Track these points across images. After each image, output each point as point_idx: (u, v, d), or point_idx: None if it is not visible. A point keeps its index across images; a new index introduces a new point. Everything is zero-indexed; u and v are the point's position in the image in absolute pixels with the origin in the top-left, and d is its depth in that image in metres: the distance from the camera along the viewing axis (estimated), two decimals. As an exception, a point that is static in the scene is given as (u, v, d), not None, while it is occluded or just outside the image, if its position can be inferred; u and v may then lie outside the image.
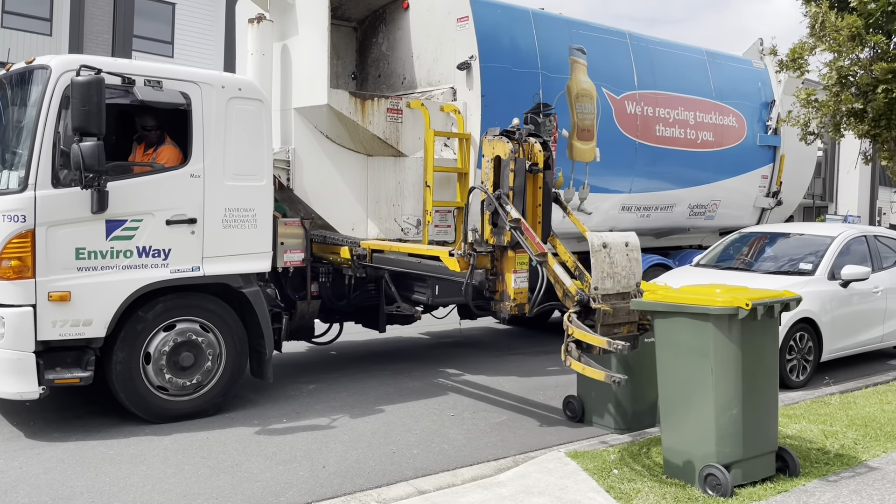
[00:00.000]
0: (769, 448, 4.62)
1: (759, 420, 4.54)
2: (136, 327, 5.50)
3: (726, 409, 4.40)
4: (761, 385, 4.56)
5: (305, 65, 7.01)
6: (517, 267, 5.64)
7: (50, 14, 20.63)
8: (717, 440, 4.40)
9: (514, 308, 5.67)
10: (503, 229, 5.55)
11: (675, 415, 4.62)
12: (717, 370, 4.40)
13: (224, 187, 5.85)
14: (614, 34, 9.02)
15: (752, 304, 4.33)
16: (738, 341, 4.38)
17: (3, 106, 5.77)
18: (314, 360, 8.17)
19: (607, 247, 5.37)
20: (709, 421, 4.43)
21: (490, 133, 5.79)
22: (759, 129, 10.39)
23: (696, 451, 4.49)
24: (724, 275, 8.24)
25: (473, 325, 10.05)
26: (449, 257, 5.77)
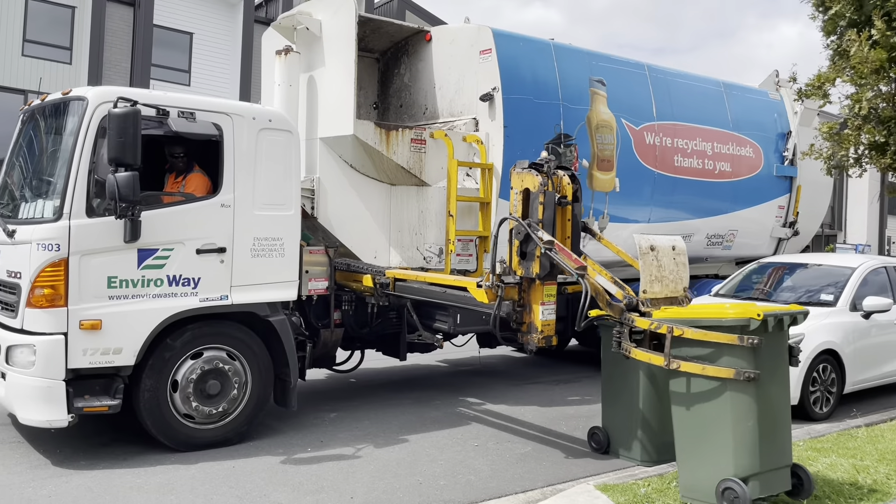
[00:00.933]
0: (784, 462, 4.64)
1: (775, 433, 4.56)
2: (164, 355, 5.53)
3: (742, 421, 4.43)
4: (775, 397, 4.60)
5: (331, 96, 7.11)
6: (545, 299, 5.61)
7: (70, 43, 20.98)
8: (733, 453, 4.43)
9: (542, 340, 5.62)
10: (532, 260, 5.52)
11: (692, 432, 4.65)
12: (731, 388, 4.44)
13: (253, 217, 5.91)
14: (633, 66, 9.13)
15: (764, 315, 4.42)
16: (751, 358, 4.42)
17: (39, 136, 5.86)
18: (334, 388, 8.17)
19: (655, 249, 5.29)
20: (725, 434, 4.46)
21: (519, 166, 5.81)
22: (775, 160, 10.45)
23: (713, 466, 4.51)
24: (742, 305, 8.25)
25: (492, 354, 10.05)
26: (477, 288, 5.76)
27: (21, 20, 20.24)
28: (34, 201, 5.54)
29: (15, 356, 5.15)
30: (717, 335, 4.48)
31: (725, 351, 4.48)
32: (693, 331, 4.57)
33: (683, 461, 4.76)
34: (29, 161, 5.90)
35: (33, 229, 5.17)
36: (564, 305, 8.97)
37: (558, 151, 7.98)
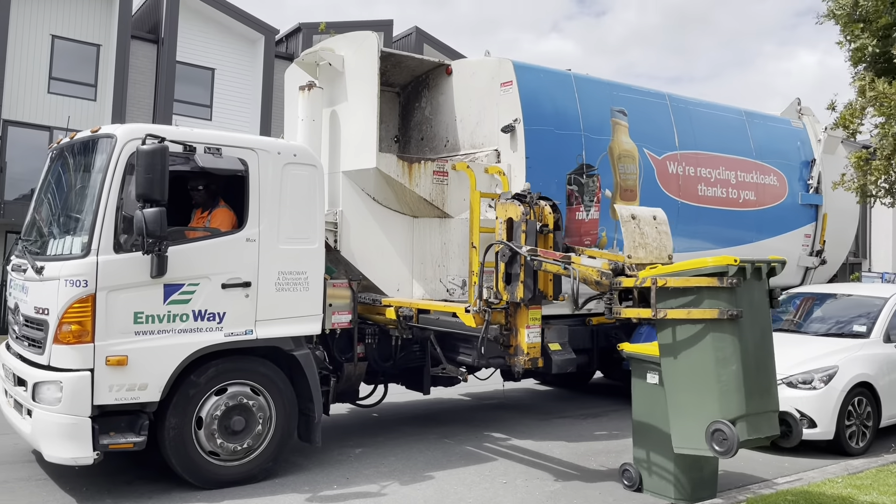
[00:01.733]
0: (771, 406, 4.89)
1: (759, 376, 4.82)
2: (188, 392, 5.50)
3: (727, 365, 4.71)
4: (757, 342, 4.89)
5: (354, 130, 7.15)
6: (530, 322, 5.93)
7: (95, 80, 21.39)
8: (719, 397, 4.71)
9: (528, 362, 5.94)
10: (516, 284, 5.82)
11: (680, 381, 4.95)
12: (714, 329, 4.76)
13: (278, 251, 5.90)
14: (654, 95, 9.12)
15: (741, 261, 4.80)
16: (730, 300, 4.75)
17: (67, 173, 5.92)
18: (357, 423, 8.09)
19: (636, 218, 5.70)
20: (711, 379, 4.75)
21: (503, 197, 6.15)
22: (800, 188, 10.35)
23: (701, 412, 4.77)
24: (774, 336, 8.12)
25: (516, 387, 9.93)
26: (465, 313, 6.04)
27: (48, 58, 20.70)
28: (62, 238, 5.57)
29: (41, 393, 5.13)
30: (698, 280, 4.85)
31: (707, 294, 4.82)
32: (676, 279, 4.95)
33: (674, 412, 5.01)
34: (57, 198, 5.95)
35: (61, 266, 5.19)
36: (589, 337, 8.90)
37: (581, 182, 7.95)
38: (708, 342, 4.80)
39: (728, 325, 4.76)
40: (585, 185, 7.99)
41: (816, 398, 6.96)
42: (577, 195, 7.92)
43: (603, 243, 8.22)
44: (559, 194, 7.79)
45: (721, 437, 4.60)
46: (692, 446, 4.88)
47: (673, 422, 5.05)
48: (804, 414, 6.94)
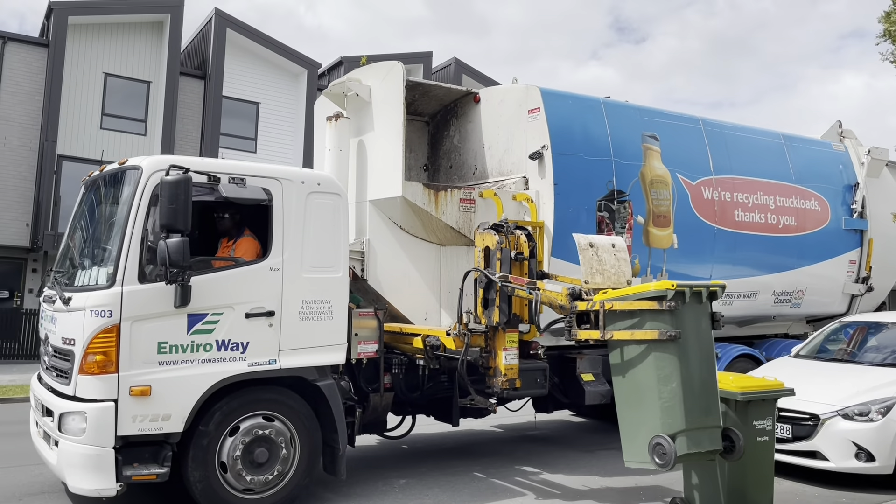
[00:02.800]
0: (713, 423, 5.12)
1: (699, 394, 5.06)
2: (201, 442, 5.43)
3: (667, 382, 4.99)
4: (699, 362, 5.13)
5: (381, 159, 7.18)
6: (507, 345, 6.30)
7: (145, 115, 22.12)
8: (661, 413, 4.98)
9: (506, 382, 6.29)
10: (493, 308, 6.19)
11: (627, 399, 5.25)
12: (655, 350, 5.06)
13: (302, 280, 5.90)
14: (686, 120, 8.97)
15: (677, 285, 5.11)
16: (671, 322, 5.06)
17: (97, 204, 6.06)
18: (387, 455, 8.00)
19: (594, 246, 6.09)
20: (653, 396, 5.03)
21: (481, 227, 6.53)
22: (843, 213, 10.01)
23: (645, 427, 5.05)
24: (827, 366, 7.91)
25: (550, 419, 9.72)
26: (446, 336, 6.39)
27: (100, 95, 21.51)
28: (90, 268, 5.67)
29: (67, 423, 5.19)
30: (641, 303, 5.19)
31: (649, 317, 5.15)
32: (621, 302, 5.32)
33: (624, 428, 5.31)
34: (87, 229, 6.09)
35: (87, 296, 5.27)
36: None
37: (611, 208, 7.82)
38: (650, 361, 5.11)
39: (668, 346, 5.07)
40: (616, 211, 7.85)
41: (874, 431, 6.65)
42: (608, 222, 7.79)
43: (636, 270, 8.04)
44: (589, 221, 7.68)
45: (661, 450, 4.92)
46: (639, 460, 5.14)
47: (623, 437, 5.31)
48: (861, 447, 6.64)
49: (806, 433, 6.92)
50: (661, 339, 5.06)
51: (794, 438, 6.96)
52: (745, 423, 5.47)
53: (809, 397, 6.87)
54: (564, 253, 7.52)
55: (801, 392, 6.29)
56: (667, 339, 5.05)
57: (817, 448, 6.86)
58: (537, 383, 7.26)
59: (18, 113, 20.47)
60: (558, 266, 7.48)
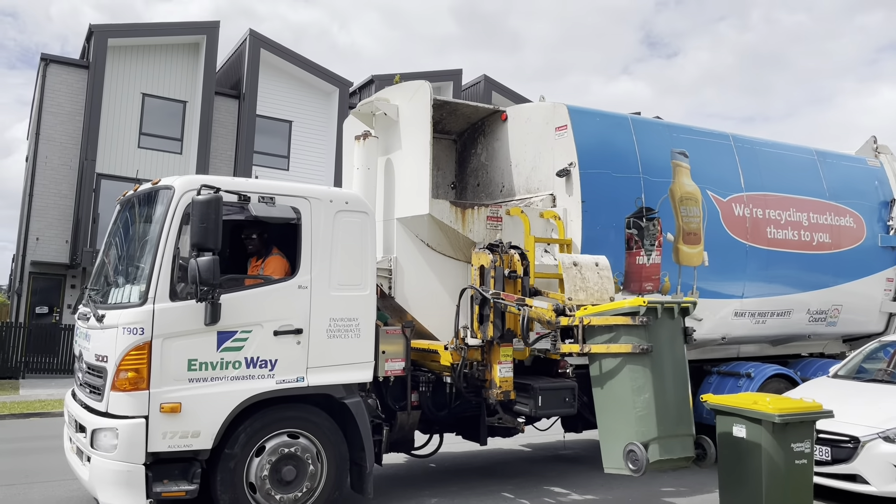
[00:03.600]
0: (685, 431, 5.44)
1: (671, 404, 5.40)
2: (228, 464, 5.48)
3: (641, 392, 5.33)
4: (671, 374, 5.48)
5: (408, 177, 7.23)
6: (502, 358, 6.56)
7: (181, 134, 22.58)
8: (635, 421, 5.31)
9: (501, 394, 6.56)
10: (487, 324, 6.46)
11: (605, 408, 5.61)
12: (630, 362, 5.42)
13: (329, 297, 5.95)
14: (716, 136, 8.87)
15: (649, 301, 5.51)
16: (644, 336, 5.42)
17: (130, 223, 6.19)
18: (416, 474, 7.98)
19: (577, 265, 6.44)
20: (628, 405, 5.38)
21: (477, 247, 6.86)
22: (879, 230, 9.78)
23: (621, 435, 5.38)
24: (866, 387, 7.74)
25: (579, 438, 9.61)
26: (444, 350, 6.65)
27: (138, 115, 22.02)
28: (123, 286, 5.78)
29: (99, 440, 5.27)
30: (616, 319, 5.60)
31: (623, 331, 5.56)
32: (598, 318, 5.73)
33: (602, 436, 5.64)
34: (120, 248, 6.22)
35: (120, 314, 5.37)
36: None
37: (640, 225, 7.75)
38: (625, 373, 5.49)
39: (642, 359, 5.44)
40: (645, 228, 7.78)
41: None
42: (637, 239, 7.73)
43: (666, 288, 7.95)
44: (618, 238, 7.63)
45: (634, 457, 5.23)
46: (616, 466, 5.46)
47: (602, 444, 5.64)
48: None
49: (846, 456, 6.74)
50: (635, 352, 5.48)
51: (834, 461, 6.79)
52: (782, 445, 5.37)
53: (849, 419, 6.70)
54: (593, 271, 7.47)
55: (840, 413, 6.14)
56: (640, 353, 5.47)
57: (858, 471, 6.67)
58: (566, 402, 7.19)
59: (59, 133, 21.05)
60: (586, 284, 7.43)
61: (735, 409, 5.62)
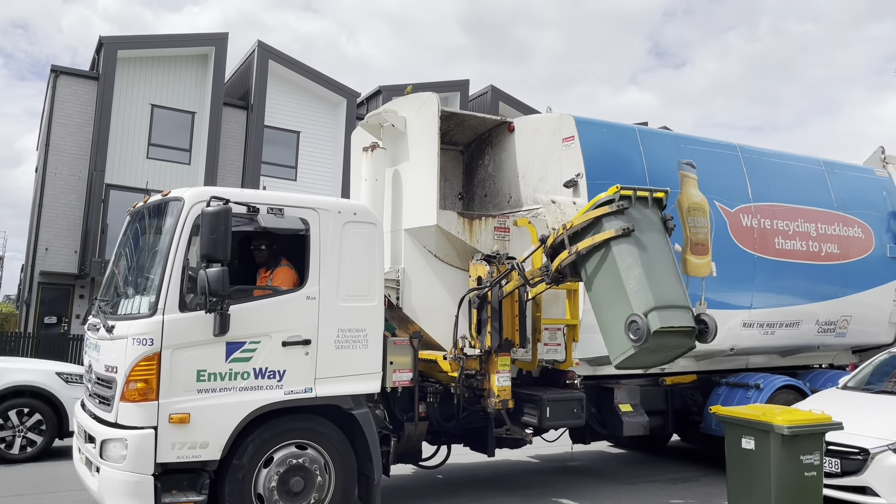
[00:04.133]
0: (680, 302, 5.51)
1: (662, 278, 5.52)
2: (236, 475, 5.47)
3: (631, 270, 5.53)
4: (656, 252, 5.65)
5: (416, 188, 7.26)
6: (500, 368, 6.66)
7: (189, 145, 22.71)
8: (631, 297, 5.45)
9: (499, 403, 6.68)
10: (485, 334, 6.59)
11: (603, 301, 5.75)
12: (615, 246, 5.66)
13: (337, 308, 5.96)
14: (724, 147, 8.88)
15: (621, 187, 5.85)
16: (623, 219, 5.69)
17: (140, 234, 6.22)
18: (423, 485, 7.96)
19: (556, 202, 7.37)
20: (621, 288, 5.53)
21: (475, 258, 6.93)
22: (888, 240, 9.75)
23: (621, 317, 5.48)
24: (876, 399, 7.70)
25: (587, 450, 9.59)
26: (444, 360, 6.75)
27: (147, 126, 22.18)
28: (133, 297, 5.81)
29: (108, 450, 5.27)
30: (595, 212, 5.85)
31: (604, 221, 5.80)
32: (579, 217, 6.02)
33: (605, 332, 5.73)
34: (130, 259, 6.26)
35: (129, 325, 5.39)
36: (663, 398, 8.56)
37: (648, 237, 7.74)
38: (613, 258, 5.66)
39: (626, 240, 5.65)
40: (653, 239, 7.77)
41: None
42: (645, 250, 7.71)
43: (674, 299, 7.93)
44: (625, 249, 7.61)
45: (635, 327, 5.32)
46: (621, 351, 5.53)
47: (606, 340, 5.73)
48: None
49: (855, 468, 6.69)
50: (618, 234, 5.67)
51: (843, 473, 6.74)
52: (791, 457, 5.34)
53: (858, 431, 6.66)
54: (600, 281, 7.47)
55: (850, 425, 6.11)
56: (623, 234, 5.66)
57: (867, 483, 6.62)
58: (574, 413, 7.19)
59: (69, 144, 21.21)
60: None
61: (744, 421, 5.60)
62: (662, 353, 5.73)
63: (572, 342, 7.34)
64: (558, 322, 7.30)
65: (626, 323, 5.44)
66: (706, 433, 8.53)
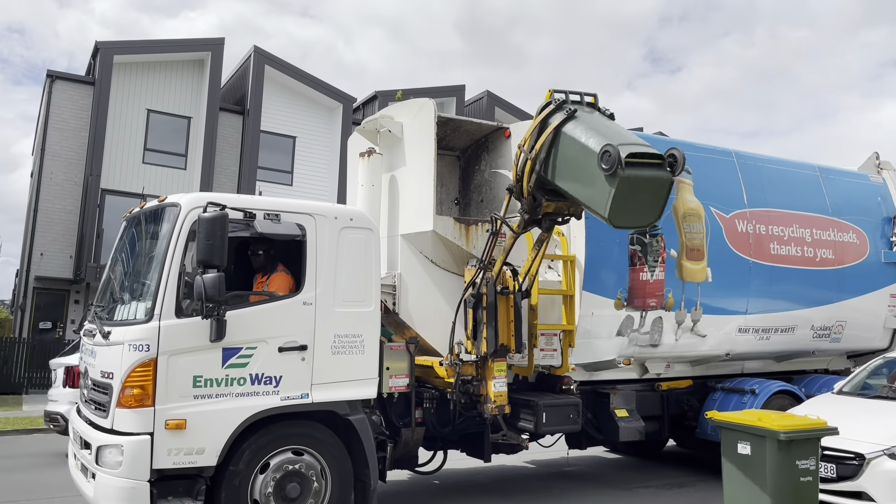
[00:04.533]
0: (643, 142, 5.58)
1: (622, 133, 5.69)
2: (233, 482, 5.47)
3: (588, 138, 5.65)
4: (605, 124, 5.82)
5: (412, 193, 7.27)
6: (496, 374, 6.67)
7: (185, 150, 22.68)
8: (598, 147, 5.47)
9: (495, 409, 6.65)
10: (481, 340, 6.60)
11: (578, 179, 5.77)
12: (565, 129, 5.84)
13: (334, 314, 5.97)
14: (719, 153, 8.91)
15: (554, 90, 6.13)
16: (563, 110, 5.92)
17: (136, 240, 6.22)
18: (420, 491, 7.96)
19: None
20: (588, 153, 5.57)
21: (469, 263, 7.02)
22: (883, 246, 9.79)
23: (598, 181, 5.49)
24: (871, 404, 7.75)
25: (583, 455, 9.59)
26: (440, 366, 6.76)
27: (143, 131, 22.14)
28: (129, 303, 5.80)
29: (104, 456, 5.26)
30: (538, 117, 6.09)
31: (549, 119, 5.96)
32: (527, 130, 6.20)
33: (589, 199, 5.67)
34: (126, 265, 6.25)
35: (126, 331, 5.39)
36: (659, 404, 8.57)
37: (644, 242, 7.77)
38: (569, 137, 5.79)
39: (573, 120, 5.82)
40: (649, 244, 7.80)
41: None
42: (641, 255, 7.74)
43: (670, 305, 7.97)
44: (621, 255, 7.65)
45: (607, 156, 5.32)
46: (606, 197, 5.44)
47: (591, 205, 5.69)
48: None
49: (851, 473, 6.71)
50: (566, 117, 5.84)
51: (839, 478, 6.75)
52: (787, 462, 5.35)
53: (854, 436, 6.68)
54: (597, 287, 7.50)
55: (846, 430, 6.12)
56: (568, 115, 5.83)
57: (863, 488, 6.64)
58: (570, 419, 7.20)
59: (64, 149, 21.16)
60: (591, 300, 7.45)
61: (740, 426, 5.61)
62: (644, 194, 5.58)
63: (568, 347, 7.34)
64: (554, 327, 7.32)
65: (599, 155, 5.42)
66: (702, 438, 8.53)
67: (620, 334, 7.71)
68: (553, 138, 5.90)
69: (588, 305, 7.43)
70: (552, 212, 6.32)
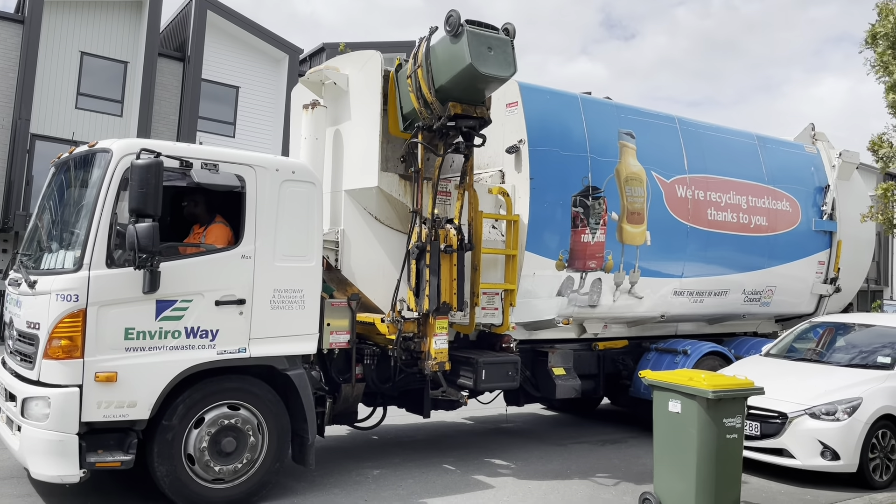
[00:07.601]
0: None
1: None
2: (166, 436, 5.36)
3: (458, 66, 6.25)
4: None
5: (357, 148, 7.14)
6: (437, 331, 6.72)
7: (121, 96, 21.76)
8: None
9: (436, 365, 6.71)
10: (423, 298, 6.64)
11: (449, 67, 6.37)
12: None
13: (274, 268, 5.85)
14: (663, 119, 9.02)
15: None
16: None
17: (65, 186, 5.95)
18: (358, 446, 7.99)
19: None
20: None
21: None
22: (814, 214, 10.14)
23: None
24: (796, 366, 8.09)
25: (520, 412, 9.78)
26: (381, 323, 6.76)
27: (76, 74, 21.12)
28: (57, 252, 5.57)
29: (30, 409, 5.10)
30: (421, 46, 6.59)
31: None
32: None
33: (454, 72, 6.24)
34: (54, 212, 5.99)
35: (53, 280, 5.18)
36: (595, 363, 8.77)
37: (586, 204, 7.85)
38: (435, 46, 6.43)
39: (433, 34, 6.44)
40: (591, 207, 7.88)
41: (840, 430, 6.80)
42: (583, 217, 7.82)
43: (609, 266, 8.10)
44: (564, 216, 7.71)
45: (451, 19, 6.16)
46: (463, 54, 6.07)
47: (460, 68, 6.16)
48: (827, 446, 6.81)
49: (774, 431, 7.04)
50: (430, 34, 6.46)
51: (763, 436, 7.08)
52: (715, 420, 5.55)
53: (778, 396, 6.99)
54: (539, 247, 7.56)
55: (771, 391, 6.39)
56: (431, 32, 6.46)
57: (784, 446, 6.98)
58: (508, 376, 7.30)
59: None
60: (533, 260, 7.52)
61: (671, 385, 5.78)
62: (495, 52, 6.23)
63: (509, 307, 7.41)
64: (496, 287, 7.36)
65: (445, 27, 6.16)
66: (635, 397, 8.80)
67: (560, 294, 7.82)
68: (427, 51, 6.45)
69: (530, 266, 7.49)
70: (461, 113, 6.55)
